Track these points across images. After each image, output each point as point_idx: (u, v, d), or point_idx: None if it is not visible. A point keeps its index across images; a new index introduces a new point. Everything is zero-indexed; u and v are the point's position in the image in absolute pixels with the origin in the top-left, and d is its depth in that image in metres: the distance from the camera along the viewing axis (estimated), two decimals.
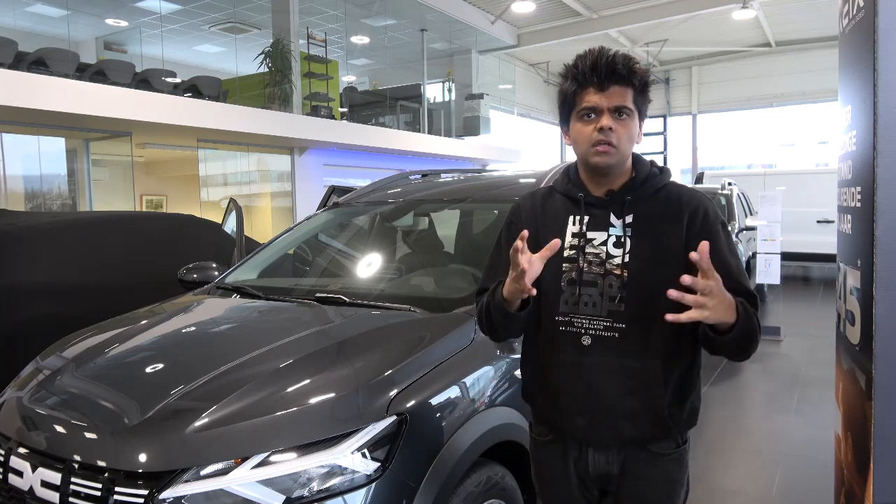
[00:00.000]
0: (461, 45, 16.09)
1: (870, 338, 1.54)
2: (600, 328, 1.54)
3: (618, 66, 1.50)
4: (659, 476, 1.60)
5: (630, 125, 1.54)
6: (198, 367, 2.05)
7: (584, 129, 1.54)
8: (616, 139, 1.52)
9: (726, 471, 3.72)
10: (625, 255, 1.54)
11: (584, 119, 1.53)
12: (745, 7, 13.16)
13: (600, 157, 1.53)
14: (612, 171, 1.58)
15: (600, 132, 1.51)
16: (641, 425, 1.56)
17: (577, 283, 1.56)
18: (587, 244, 1.58)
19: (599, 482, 1.64)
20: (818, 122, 18.76)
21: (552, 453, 1.68)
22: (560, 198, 1.66)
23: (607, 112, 1.51)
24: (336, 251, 3.59)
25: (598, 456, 1.61)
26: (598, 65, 1.50)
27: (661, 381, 1.55)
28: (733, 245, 1.60)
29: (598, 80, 1.50)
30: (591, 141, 1.53)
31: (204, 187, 11.18)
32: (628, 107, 1.52)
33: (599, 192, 1.61)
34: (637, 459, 1.59)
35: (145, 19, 13.03)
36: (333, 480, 1.67)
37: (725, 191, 8.42)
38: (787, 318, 7.79)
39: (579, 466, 1.64)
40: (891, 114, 1.48)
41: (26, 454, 1.86)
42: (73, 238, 4.06)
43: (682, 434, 1.64)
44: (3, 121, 8.14)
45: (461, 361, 2.10)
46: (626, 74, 1.50)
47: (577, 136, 1.56)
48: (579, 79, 1.52)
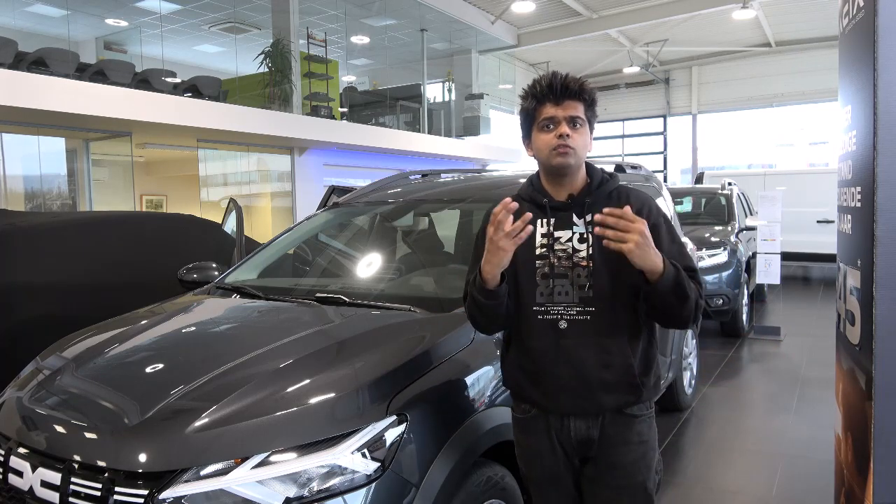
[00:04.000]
0: (461, 45, 16.09)
1: (870, 338, 1.54)
2: (573, 313, 1.77)
3: (570, 84, 1.76)
4: (633, 438, 1.82)
5: (583, 133, 1.78)
6: (198, 367, 2.05)
7: (545, 137, 1.78)
8: (573, 143, 1.75)
9: (726, 471, 3.73)
10: (589, 248, 1.76)
11: (545, 129, 1.77)
12: (745, 7, 13.15)
13: (561, 157, 1.76)
14: (570, 173, 1.81)
15: (559, 138, 1.74)
16: (618, 393, 1.79)
17: (550, 276, 1.78)
18: (555, 242, 1.80)
19: (581, 449, 1.83)
20: (815, 122, 18.75)
21: (536, 428, 1.86)
22: (526, 205, 1.86)
23: (564, 121, 1.75)
24: (336, 251, 3.59)
25: (578, 423, 1.81)
26: (553, 83, 1.75)
27: (631, 353, 1.79)
28: (675, 233, 1.86)
29: (554, 95, 1.75)
30: (552, 146, 1.76)
31: (204, 187, 11.18)
32: (581, 117, 1.77)
33: (561, 196, 1.83)
34: (615, 423, 1.81)
35: (145, 19, 13.04)
36: (333, 480, 1.67)
37: (725, 191, 8.41)
38: (787, 318, 7.80)
39: (562, 436, 1.83)
40: (891, 114, 1.48)
41: (26, 454, 1.86)
42: (73, 238, 4.06)
43: (651, 400, 1.88)
44: (3, 121, 8.14)
45: (461, 361, 2.10)
46: (578, 90, 1.76)
47: (539, 145, 1.80)
48: (538, 96, 1.78)
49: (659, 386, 1.88)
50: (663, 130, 21.41)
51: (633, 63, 18.26)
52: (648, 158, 20.78)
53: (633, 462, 1.81)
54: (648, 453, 1.85)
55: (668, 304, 1.69)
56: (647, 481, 1.85)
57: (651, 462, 1.86)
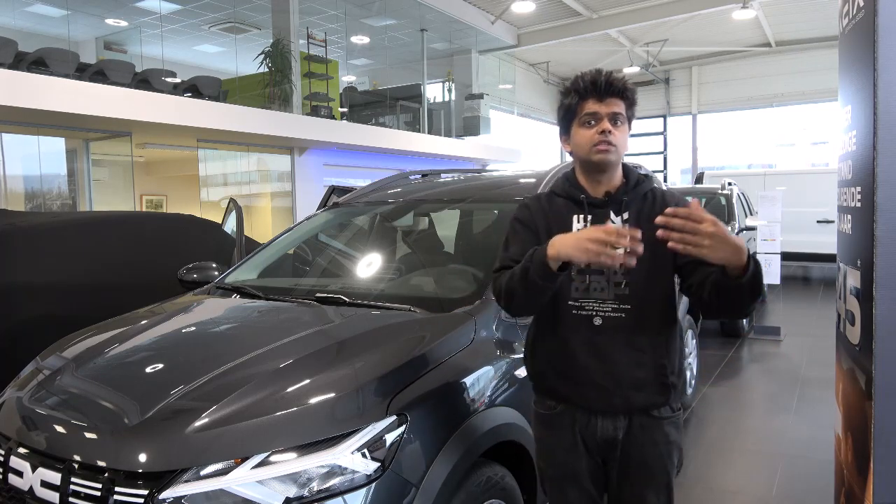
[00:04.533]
0: (461, 45, 16.09)
1: (870, 338, 1.54)
2: (609, 310, 1.77)
3: (614, 82, 1.76)
4: (661, 438, 1.82)
5: (624, 131, 1.79)
6: (198, 366, 2.05)
7: (586, 133, 1.77)
8: (614, 140, 1.76)
9: (726, 471, 3.72)
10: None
11: (586, 125, 1.77)
12: (745, 7, 13.15)
13: (602, 154, 1.76)
14: (609, 170, 1.81)
15: (601, 134, 1.74)
16: (648, 392, 1.78)
17: (587, 272, 1.76)
18: None
19: (604, 448, 1.83)
20: (817, 122, 18.75)
21: (560, 424, 1.86)
22: (562, 200, 1.87)
23: (606, 118, 1.75)
24: (336, 251, 3.59)
25: (605, 422, 1.80)
26: (597, 80, 1.76)
27: (665, 353, 1.79)
28: None
29: (597, 92, 1.75)
30: (593, 142, 1.76)
31: (204, 187, 11.17)
32: (622, 115, 1.78)
33: (598, 193, 1.83)
34: (642, 425, 1.80)
35: (145, 19, 13.03)
36: (333, 480, 1.67)
37: (725, 191, 8.40)
38: (787, 318, 7.79)
39: (586, 433, 1.82)
40: (891, 114, 1.48)
41: (26, 454, 1.86)
42: (73, 238, 4.06)
43: (678, 401, 1.87)
44: (3, 121, 8.13)
45: (461, 361, 2.10)
46: (622, 88, 1.77)
47: (579, 140, 1.79)
48: (581, 91, 1.77)
49: (685, 387, 1.90)
50: (663, 130, 21.41)
51: (633, 63, 18.26)
52: (648, 158, 20.79)
53: (660, 461, 1.82)
54: (674, 453, 1.86)
55: (741, 298, 1.62)
56: (671, 479, 1.86)
57: (675, 460, 1.88)
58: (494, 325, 2.32)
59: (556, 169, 3.14)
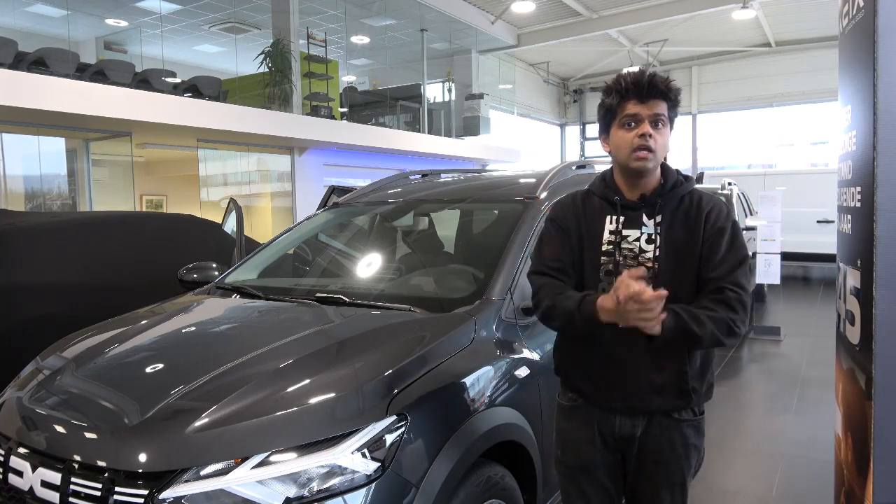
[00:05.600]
0: (461, 45, 16.08)
1: (870, 338, 1.55)
2: None
3: (657, 82, 1.73)
4: (678, 440, 1.81)
5: (665, 133, 1.76)
6: (198, 367, 2.05)
7: (625, 135, 1.75)
8: (654, 144, 1.73)
9: (726, 471, 3.72)
10: (656, 249, 1.76)
11: (626, 127, 1.75)
12: (745, 7, 13.15)
13: (640, 161, 1.74)
14: (647, 175, 1.79)
15: (640, 138, 1.72)
16: (667, 397, 1.77)
17: (614, 273, 1.76)
18: (623, 240, 1.79)
19: (621, 444, 1.84)
20: (817, 122, 18.75)
21: (579, 418, 1.87)
22: (598, 200, 1.87)
23: (647, 120, 1.72)
24: (336, 251, 3.59)
25: (624, 420, 1.81)
26: (640, 80, 1.72)
27: (687, 359, 1.77)
28: (738, 243, 1.77)
29: (639, 93, 1.72)
30: (633, 146, 1.73)
31: (204, 187, 11.17)
32: (664, 116, 1.75)
33: (633, 195, 1.82)
34: (660, 425, 1.80)
35: (145, 19, 13.03)
36: (333, 480, 1.67)
37: (725, 191, 8.39)
38: (787, 318, 7.80)
39: (604, 429, 1.84)
40: (891, 114, 1.48)
41: (26, 454, 1.86)
42: (74, 238, 4.06)
43: (701, 405, 1.86)
44: (3, 121, 8.13)
45: (461, 361, 2.10)
46: (664, 89, 1.73)
47: (618, 142, 1.77)
48: (622, 92, 1.74)
49: (711, 392, 1.87)
50: None
51: (633, 63, 18.24)
52: None
53: (677, 461, 1.82)
54: (692, 454, 1.85)
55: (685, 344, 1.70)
56: (687, 478, 1.86)
57: (693, 461, 1.87)
58: (494, 325, 2.31)
59: (556, 169, 3.14)
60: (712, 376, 1.88)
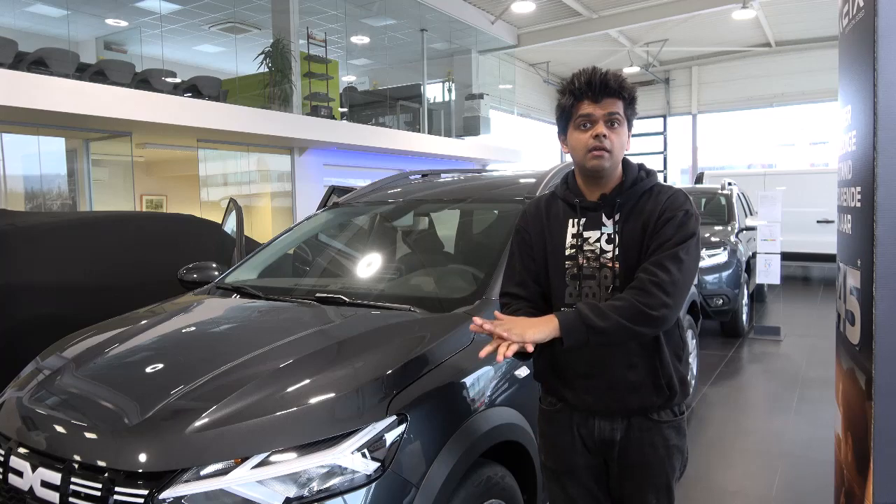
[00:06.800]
0: (461, 45, 16.09)
1: (870, 338, 1.55)
2: None
3: (609, 81, 1.70)
4: (660, 441, 1.79)
5: (621, 132, 1.74)
6: (198, 367, 2.05)
7: (581, 136, 1.74)
8: (609, 144, 1.71)
9: (726, 471, 3.72)
10: (615, 249, 1.75)
11: (581, 128, 1.74)
12: (745, 7, 13.15)
13: (596, 160, 1.73)
14: (605, 175, 1.77)
15: (595, 138, 1.71)
16: (644, 395, 1.76)
17: (578, 277, 1.78)
18: (584, 243, 1.79)
19: (602, 448, 1.82)
20: (817, 122, 18.75)
21: (560, 422, 1.87)
22: (561, 203, 1.86)
23: (601, 120, 1.71)
24: (336, 251, 3.59)
25: (602, 423, 1.80)
26: (592, 80, 1.70)
27: (657, 355, 1.76)
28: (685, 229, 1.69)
29: (592, 92, 1.70)
30: (588, 147, 1.72)
31: (204, 187, 11.17)
32: (619, 115, 1.73)
33: (594, 196, 1.81)
34: (640, 427, 1.79)
35: (145, 19, 13.03)
36: (333, 480, 1.67)
37: (725, 191, 8.41)
38: (787, 318, 7.80)
39: (583, 434, 1.83)
40: (891, 114, 1.48)
41: (26, 454, 1.86)
42: (74, 238, 4.06)
43: (680, 404, 1.84)
44: (3, 121, 8.13)
45: (461, 361, 2.10)
46: (617, 88, 1.71)
47: (574, 144, 1.76)
48: (576, 93, 1.73)
49: (687, 389, 1.86)
50: (663, 130, 21.41)
51: (633, 63, 18.26)
52: (648, 158, 20.77)
53: (660, 464, 1.81)
54: (675, 455, 1.84)
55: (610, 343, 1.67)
56: (671, 480, 1.85)
57: (676, 463, 1.86)
58: None
59: (555, 169, 3.14)
60: (686, 369, 1.86)
